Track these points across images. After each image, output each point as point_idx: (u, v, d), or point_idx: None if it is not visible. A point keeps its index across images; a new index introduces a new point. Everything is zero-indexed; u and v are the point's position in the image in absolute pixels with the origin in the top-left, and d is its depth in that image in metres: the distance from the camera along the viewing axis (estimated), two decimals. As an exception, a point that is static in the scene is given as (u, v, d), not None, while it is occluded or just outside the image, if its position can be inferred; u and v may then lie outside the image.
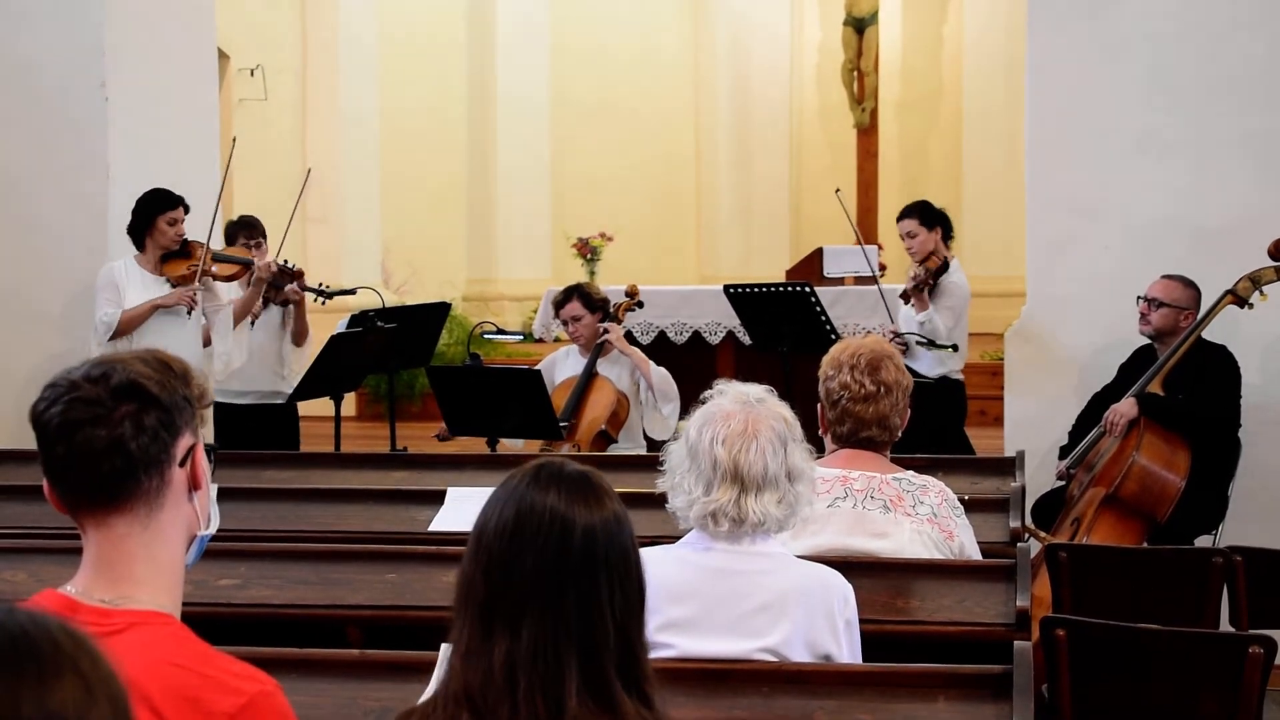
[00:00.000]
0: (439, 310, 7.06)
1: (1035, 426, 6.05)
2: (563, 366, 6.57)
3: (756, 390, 2.90)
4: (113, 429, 1.84)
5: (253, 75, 11.08)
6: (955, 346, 6.59)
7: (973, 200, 13.07)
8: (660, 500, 2.97)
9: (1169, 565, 4.36)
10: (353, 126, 11.67)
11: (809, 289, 6.65)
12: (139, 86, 6.68)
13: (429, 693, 2.09)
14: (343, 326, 6.48)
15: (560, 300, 6.59)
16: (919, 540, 3.42)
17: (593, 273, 12.38)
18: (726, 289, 6.91)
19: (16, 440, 5.25)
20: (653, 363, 6.41)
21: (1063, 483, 5.65)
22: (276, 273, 6.40)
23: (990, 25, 13.12)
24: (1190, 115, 6.00)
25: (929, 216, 6.75)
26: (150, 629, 1.86)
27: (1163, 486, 5.27)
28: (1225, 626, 4.28)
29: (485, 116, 13.40)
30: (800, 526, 3.09)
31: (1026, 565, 3.37)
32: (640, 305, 6.90)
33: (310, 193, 7.11)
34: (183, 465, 1.92)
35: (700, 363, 7.87)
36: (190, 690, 1.80)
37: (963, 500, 3.60)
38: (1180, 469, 5.30)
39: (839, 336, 6.21)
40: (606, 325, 6.43)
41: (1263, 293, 5.48)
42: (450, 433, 6.22)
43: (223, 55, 9.46)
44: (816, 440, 3.18)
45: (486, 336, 8.17)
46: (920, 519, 3.44)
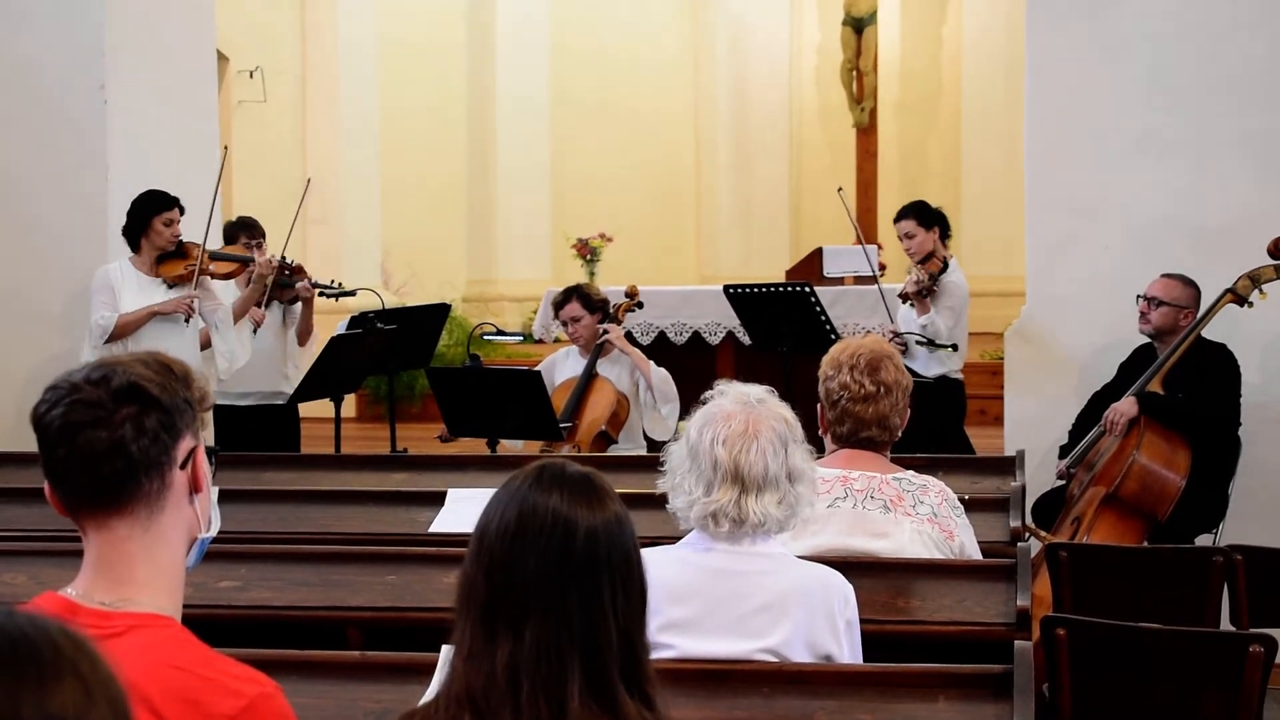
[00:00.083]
0: (439, 311, 7.06)
1: (1035, 426, 6.06)
2: (563, 367, 6.57)
3: (757, 391, 2.89)
4: (114, 431, 1.84)
5: (252, 77, 11.08)
6: (955, 346, 6.60)
7: (972, 200, 13.07)
8: (661, 501, 2.97)
9: (1169, 564, 4.36)
10: (352, 127, 11.66)
11: (809, 289, 6.65)
12: (139, 87, 6.69)
13: (430, 694, 2.09)
14: (342, 328, 6.48)
15: (560, 301, 6.59)
16: (919, 540, 3.42)
17: (592, 273, 12.37)
18: (726, 289, 6.91)
19: (15, 441, 5.25)
20: (652, 363, 6.41)
21: (1063, 482, 5.65)
22: (277, 269, 6.39)
23: (989, 25, 13.12)
24: (1190, 115, 6.00)
25: (926, 217, 6.75)
26: (151, 631, 1.86)
27: (1163, 485, 5.27)
28: (1226, 625, 4.28)
29: (485, 117, 13.39)
30: (800, 527, 3.09)
31: (1027, 565, 3.37)
32: (640, 306, 6.89)
33: (310, 194, 7.11)
34: (184, 468, 1.92)
35: (700, 363, 7.87)
36: (191, 692, 1.80)
37: (963, 500, 3.60)
38: (1180, 468, 5.30)
39: (839, 336, 6.21)
40: (606, 326, 6.43)
41: (1262, 291, 5.47)
42: (450, 434, 6.21)
43: (222, 57, 9.46)
44: (816, 440, 3.18)
45: (486, 337, 8.16)
46: (920, 519, 3.43)
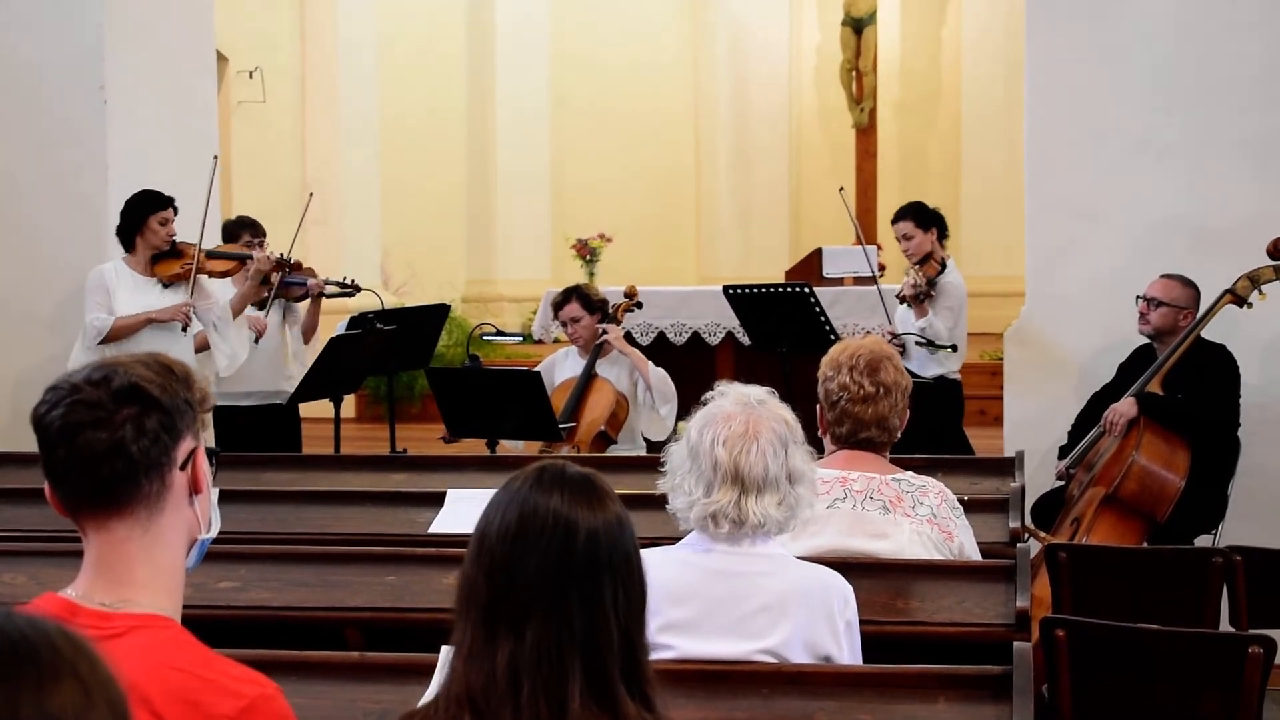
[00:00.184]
0: (438, 312, 7.05)
1: (1035, 426, 6.06)
2: (562, 368, 6.57)
3: (758, 392, 2.89)
4: (114, 432, 1.84)
5: (251, 77, 11.07)
6: (954, 347, 6.60)
7: (972, 200, 13.07)
8: (660, 501, 2.97)
9: (1169, 565, 4.36)
10: (352, 128, 11.65)
11: (808, 289, 6.64)
12: (138, 89, 6.69)
13: (430, 695, 2.09)
14: (342, 328, 6.48)
15: (559, 302, 6.59)
16: (918, 541, 3.42)
17: (592, 274, 12.36)
18: (726, 290, 6.91)
19: (11, 441, 5.25)
20: (651, 363, 6.41)
21: (1062, 483, 5.65)
22: (276, 265, 6.39)
23: (989, 26, 13.11)
24: (1189, 116, 6.00)
25: (924, 218, 6.75)
26: (150, 632, 1.86)
27: (1162, 486, 5.27)
28: (1225, 626, 4.28)
29: (485, 117, 13.39)
30: (800, 528, 3.09)
31: (1026, 565, 3.37)
32: (639, 306, 6.89)
33: (309, 193, 7.11)
34: (184, 469, 1.92)
35: (699, 363, 7.87)
36: (190, 693, 1.80)
37: (962, 501, 3.60)
38: (1180, 468, 5.30)
39: (838, 337, 6.20)
40: (605, 326, 6.43)
41: (1262, 292, 5.48)
42: (450, 435, 6.21)
43: (221, 57, 9.46)
44: (815, 441, 3.18)
45: (486, 338, 8.16)
46: (920, 519, 3.43)
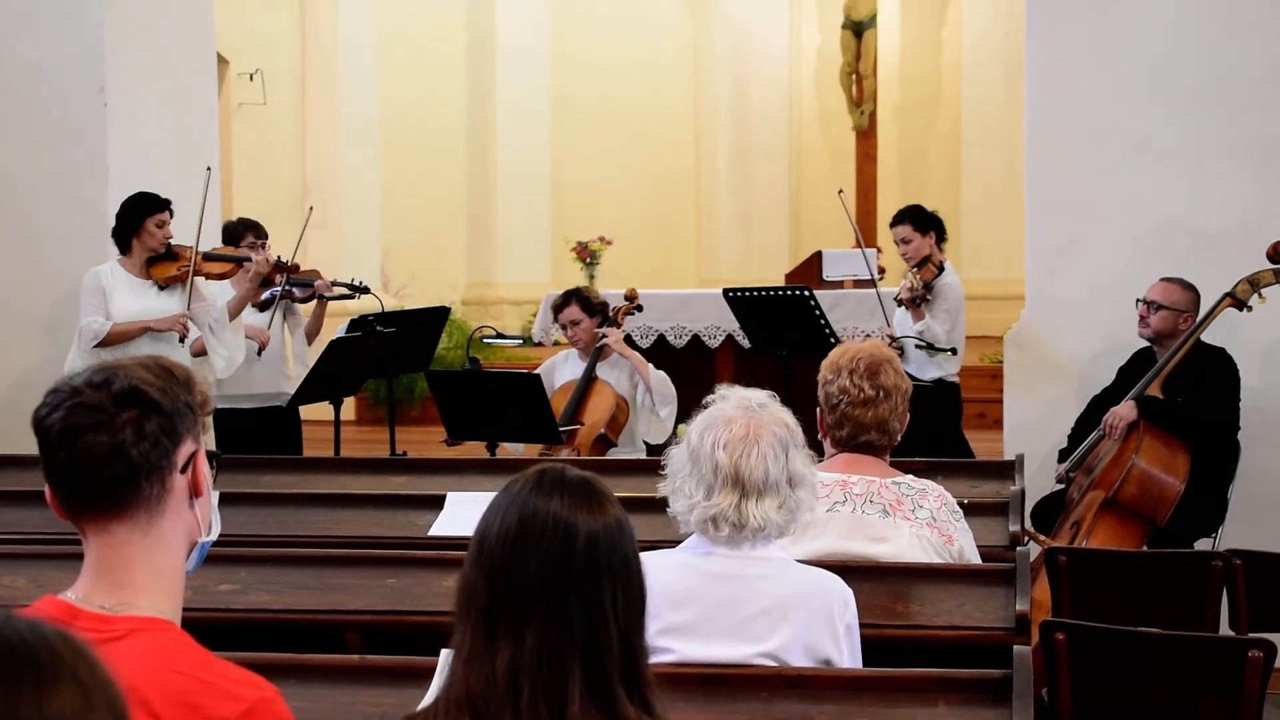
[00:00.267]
0: (438, 314, 7.05)
1: (1035, 430, 6.05)
2: (562, 370, 6.57)
3: (759, 395, 2.89)
4: (114, 435, 1.84)
5: (252, 80, 11.07)
6: (955, 350, 6.61)
7: (972, 203, 13.08)
8: (660, 505, 2.97)
9: (1169, 568, 4.36)
10: (352, 130, 11.66)
11: (808, 292, 6.64)
12: (138, 90, 6.69)
13: (429, 698, 2.09)
14: (342, 331, 6.47)
15: (559, 304, 6.59)
16: (918, 544, 3.42)
17: (592, 277, 12.36)
18: (726, 292, 6.90)
19: (7, 442, 5.25)
20: (651, 366, 6.41)
21: (1062, 486, 5.64)
22: (274, 268, 6.40)
23: (989, 28, 13.11)
24: (1189, 119, 6.00)
25: (922, 221, 6.76)
26: (150, 635, 1.86)
27: (1162, 489, 5.27)
28: (1225, 630, 4.28)
29: (485, 120, 13.39)
30: (800, 531, 3.09)
31: (1026, 569, 3.37)
32: (639, 309, 6.89)
33: (309, 196, 7.10)
34: (184, 472, 1.92)
35: (699, 366, 7.86)
36: (190, 696, 1.80)
37: (962, 504, 3.60)
38: (1180, 472, 5.29)
39: (838, 340, 6.20)
40: (605, 329, 6.43)
41: (1261, 295, 5.47)
42: (450, 438, 6.20)
43: (222, 60, 9.46)
44: (815, 444, 3.18)
45: (486, 340, 8.16)
46: (920, 523, 3.43)
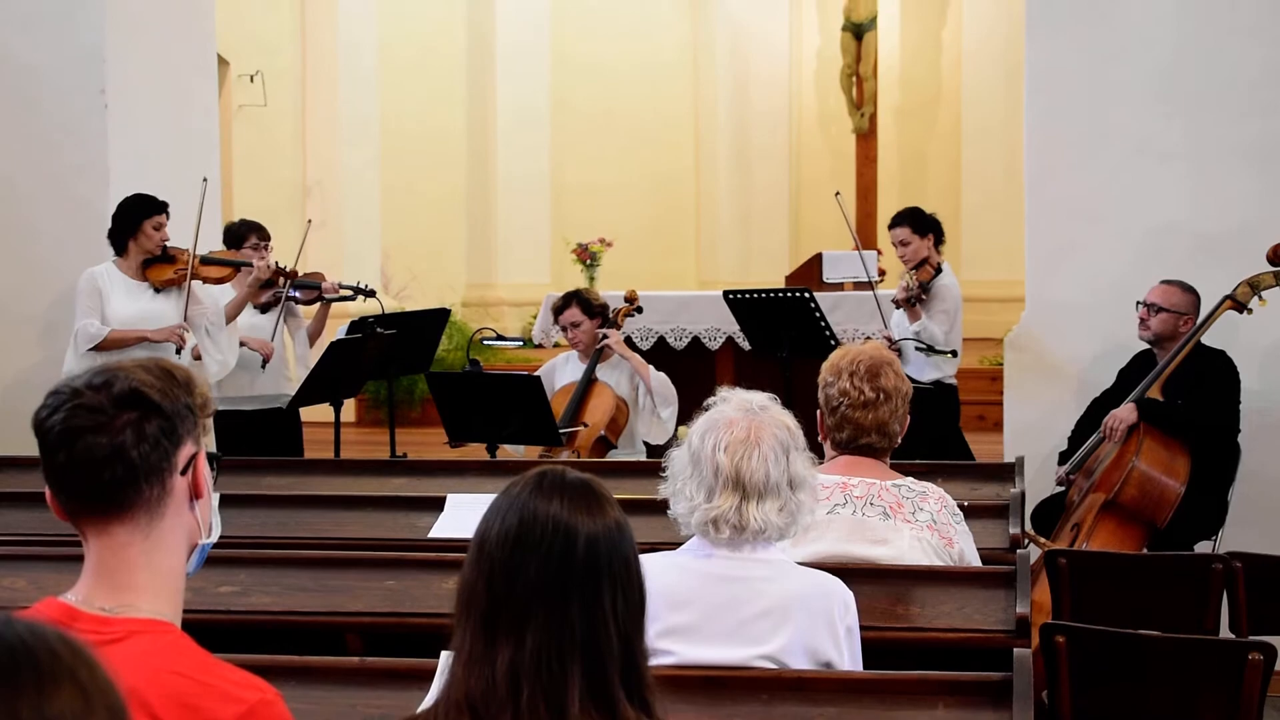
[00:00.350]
0: (439, 316, 7.05)
1: (1035, 432, 6.05)
2: (562, 372, 6.57)
3: (760, 398, 2.89)
4: (114, 437, 1.84)
5: (252, 81, 11.08)
6: (955, 353, 6.61)
7: (972, 205, 13.08)
8: (660, 507, 2.97)
9: (1169, 571, 4.36)
10: (352, 131, 11.65)
11: (808, 294, 6.64)
12: (139, 92, 6.69)
13: (429, 700, 2.09)
14: (342, 332, 6.47)
15: (559, 306, 6.60)
16: (919, 547, 3.42)
17: (592, 278, 12.35)
18: (726, 294, 6.90)
19: (14, 445, 5.25)
20: (652, 367, 6.41)
21: (1062, 488, 5.65)
22: (273, 273, 6.40)
23: (990, 30, 13.11)
24: (1189, 121, 6.00)
25: (920, 224, 6.77)
26: (150, 637, 1.86)
27: (1162, 492, 5.27)
28: (1225, 633, 4.28)
29: (485, 121, 13.39)
30: (800, 533, 3.08)
31: (1026, 571, 3.37)
32: (639, 311, 6.89)
33: (310, 197, 7.10)
34: (184, 474, 1.92)
35: (699, 368, 7.86)
36: (190, 698, 1.80)
37: (962, 506, 3.60)
38: (1180, 474, 5.29)
39: (839, 342, 6.20)
40: (605, 331, 6.43)
41: (1262, 298, 5.48)
42: (450, 440, 6.20)
43: (222, 61, 9.46)
44: (816, 446, 3.18)
45: (486, 342, 8.15)
46: (920, 525, 3.43)
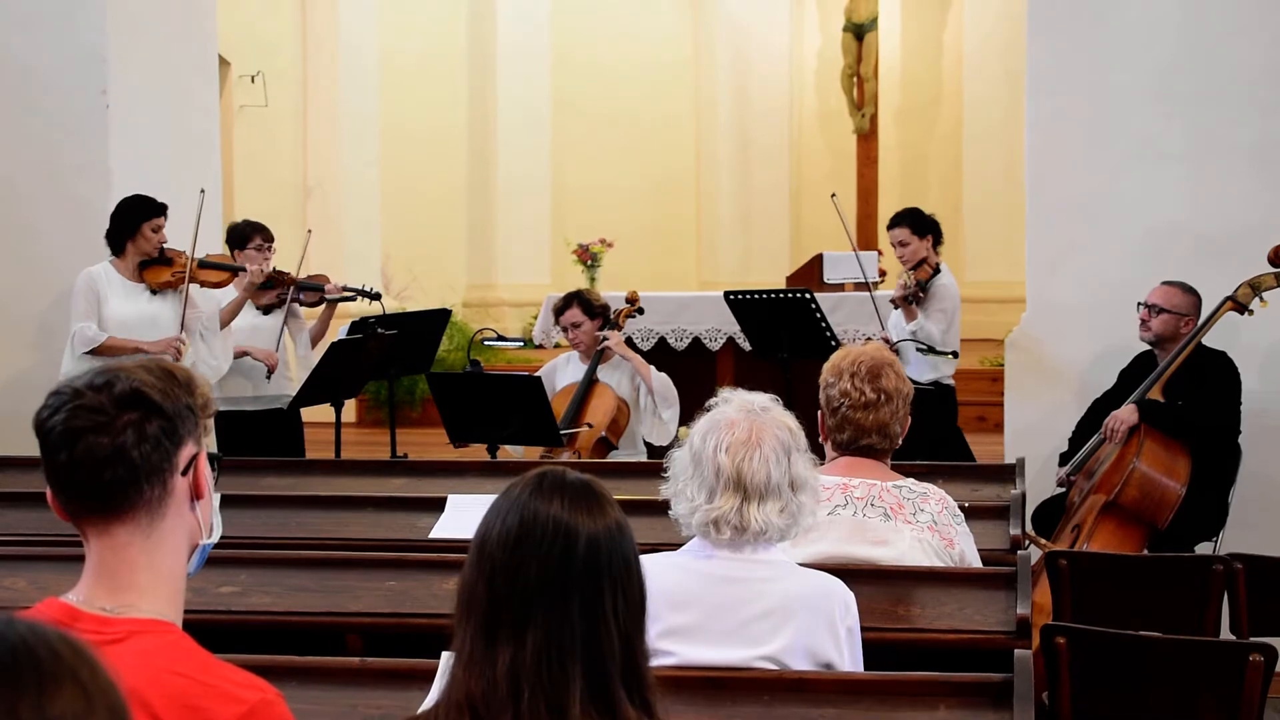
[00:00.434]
0: (439, 317, 7.05)
1: (1036, 433, 6.05)
2: (563, 373, 6.57)
3: (761, 399, 2.89)
4: (115, 437, 1.84)
5: (254, 81, 11.08)
6: (955, 354, 6.61)
7: (973, 206, 13.08)
8: (661, 507, 2.97)
9: (1169, 572, 4.35)
10: (353, 132, 11.66)
11: (809, 295, 6.64)
12: (139, 92, 6.69)
13: (430, 701, 2.09)
14: (343, 333, 6.47)
15: (560, 307, 6.60)
16: (919, 548, 3.42)
17: (593, 279, 12.36)
18: (727, 295, 6.90)
19: (13, 445, 5.25)
20: (653, 368, 6.41)
21: (1063, 489, 5.64)
22: (270, 276, 6.41)
23: (990, 31, 13.12)
24: (1190, 122, 6.00)
25: (919, 224, 6.77)
26: (151, 637, 1.86)
27: (1163, 493, 5.27)
28: (1226, 634, 4.28)
29: (486, 122, 13.40)
30: (801, 534, 3.08)
31: (1027, 573, 3.37)
32: (640, 311, 6.89)
33: (310, 198, 7.10)
34: (185, 474, 1.92)
35: (700, 369, 7.86)
36: (191, 698, 1.80)
37: (963, 507, 3.60)
38: (1180, 475, 5.29)
39: (839, 343, 6.20)
40: (606, 332, 6.43)
41: (1263, 299, 5.48)
42: (451, 440, 6.20)
43: (223, 62, 9.46)
44: (816, 447, 3.18)
45: (487, 343, 8.15)
46: (921, 526, 3.43)
